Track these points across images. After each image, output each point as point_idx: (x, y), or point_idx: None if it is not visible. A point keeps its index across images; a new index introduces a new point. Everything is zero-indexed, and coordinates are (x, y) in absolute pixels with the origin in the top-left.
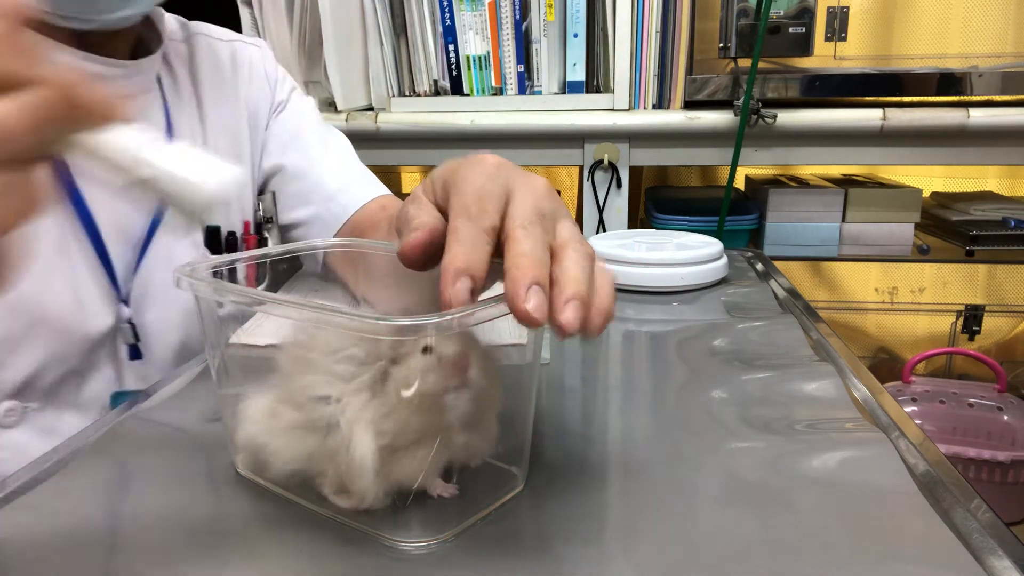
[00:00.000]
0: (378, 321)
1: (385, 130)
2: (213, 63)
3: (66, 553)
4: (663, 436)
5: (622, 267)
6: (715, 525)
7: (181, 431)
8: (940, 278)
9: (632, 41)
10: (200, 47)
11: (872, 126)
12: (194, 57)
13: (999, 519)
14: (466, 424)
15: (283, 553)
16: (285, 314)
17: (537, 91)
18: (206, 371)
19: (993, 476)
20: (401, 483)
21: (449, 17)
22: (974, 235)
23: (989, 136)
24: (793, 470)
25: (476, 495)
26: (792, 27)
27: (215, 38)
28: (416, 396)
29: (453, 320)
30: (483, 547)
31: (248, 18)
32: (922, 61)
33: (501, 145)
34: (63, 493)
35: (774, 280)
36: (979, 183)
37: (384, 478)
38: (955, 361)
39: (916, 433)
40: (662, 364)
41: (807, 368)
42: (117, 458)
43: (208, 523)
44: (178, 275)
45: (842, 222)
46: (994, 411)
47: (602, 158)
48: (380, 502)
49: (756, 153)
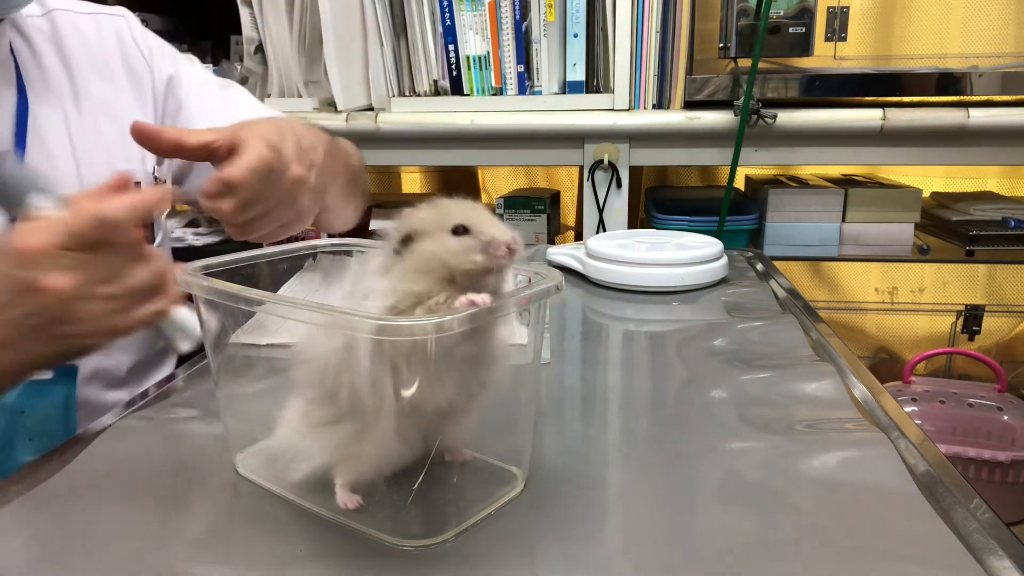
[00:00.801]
0: (378, 321)
1: (385, 130)
2: (81, 39)
3: (66, 553)
4: (663, 436)
5: (622, 267)
6: (715, 525)
7: (181, 431)
8: (940, 278)
9: (632, 41)
10: (62, 23)
11: (872, 126)
12: (58, 32)
13: (999, 519)
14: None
15: (283, 553)
16: (285, 314)
17: (537, 91)
18: (206, 371)
19: (993, 476)
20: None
21: (449, 17)
22: (974, 235)
23: (989, 136)
24: (793, 470)
25: (476, 495)
26: (792, 27)
27: (76, 12)
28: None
29: (454, 320)
30: (483, 547)
31: (248, 18)
32: (922, 61)
33: (501, 145)
34: (63, 493)
35: (774, 280)
36: (979, 183)
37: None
38: (955, 361)
39: (916, 433)
40: (662, 364)
41: (807, 368)
42: (117, 458)
43: (208, 523)
44: (179, 275)
45: (842, 222)
46: (994, 411)
47: (602, 158)
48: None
49: (756, 153)
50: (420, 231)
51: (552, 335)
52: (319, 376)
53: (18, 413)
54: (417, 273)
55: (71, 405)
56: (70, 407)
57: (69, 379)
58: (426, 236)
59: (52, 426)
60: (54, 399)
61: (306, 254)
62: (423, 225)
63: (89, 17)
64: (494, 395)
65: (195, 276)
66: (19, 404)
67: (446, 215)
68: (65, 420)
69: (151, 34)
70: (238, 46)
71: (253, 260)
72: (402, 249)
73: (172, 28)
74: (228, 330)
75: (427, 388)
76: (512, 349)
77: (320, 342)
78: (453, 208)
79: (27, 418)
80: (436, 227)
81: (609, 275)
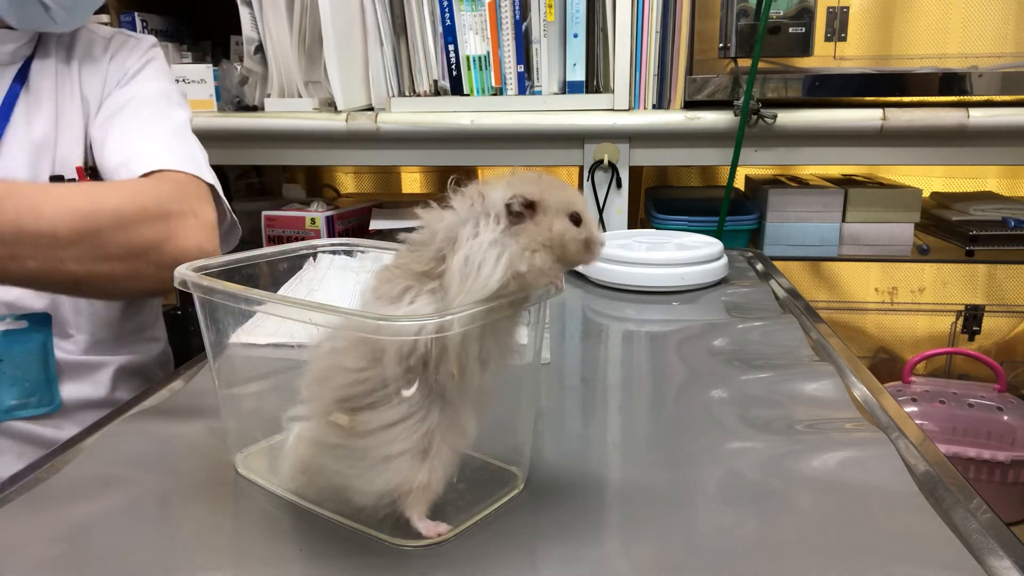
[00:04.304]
0: (378, 321)
1: (385, 130)
2: (88, 43)
3: (66, 553)
4: (663, 436)
5: (622, 267)
6: (715, 525)
7: (181, 431)
8: (940, 278)
9: (632, 41)
10: (82, 35)
11: (872, 126)
12: (74, 38)
13: (999, 519)
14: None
15: (283, 553)
16: (285, 314)
17: (537, 91)
18: (206, 371)
19: (993, 476)
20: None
21: (449, 17)
22: (974, 235)
23: (989, 136)
24: (793, 470)
25: (476, 495)
26: (792, 27)
27: (94, 30)
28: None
29: (454, 320)
30: (483, 547)
31: (248, 18)
32: (922, 61)
33: (501, 145)
34: (63, 493)
35: (774, 280)
36: (979, 183)
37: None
38: (955, 361)
39: (916, 433)
40: (662, 364)
41: (807, 368)
42: (117, 458)
43: (208, 523)
44: (179, 275)
45: (842, 222)
46: (994, 411)
47: (602, 158)
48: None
49: (756, 153)
50: (544, 205)
51: (552, 335)
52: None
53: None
54: (543, 248)
55: (49, 351)
56: (48, 353)
57: (44, 327)
58: (550, 213)
59: (31, 372)
60: (30, 346)
61: (306, 254)
62: (551, 200)
63: (92, 33)
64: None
65: (195, 276)
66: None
67: (569, 198)
68: (44, 365)
69: (145, 38)
70: (238, 46)
71: (253, 260)
72: (524, 213)
73: (172, 28)
74: (228, 330)
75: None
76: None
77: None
78: (570, 192)
79: (6, 364)
80: (559, 207)
81: (609, 275)
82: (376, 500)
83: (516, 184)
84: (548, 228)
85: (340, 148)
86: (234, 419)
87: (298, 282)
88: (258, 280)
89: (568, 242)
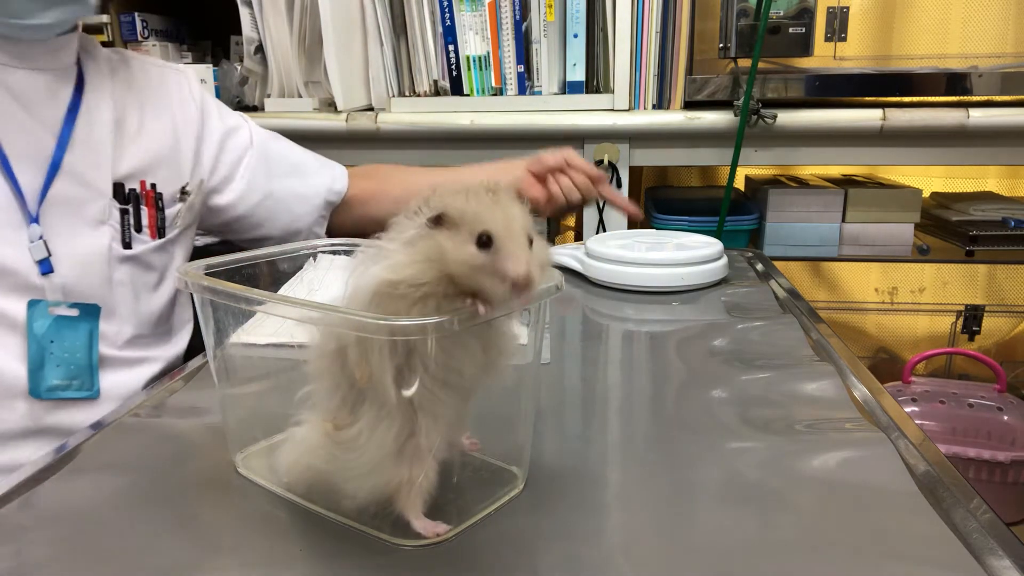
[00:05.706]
0: (378, 321)
1: (385, 130)
2: (144, 75)
3: (66, 553)
4: (663, 436)
5: (622, 267)
6: (715, 525)
7: (181, 431)
8: (940, 278)
9: (632, 41)
10: (131, 61)
11: (872, 126)
12: (127, 64)
13: (999, 519)
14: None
15: (283, 553)
16: (285, 314)
17: (537, 91)
18: (206, 371)
19: (993, 476)
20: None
21: (449, 17)
22: (974, 235)
23: (989, 136)
24: (793, 470)
25: (476, 495)
26: (792, 27)
27: (144, 60)
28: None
29: (454, 320)
30: (483, 547)
31: (248, 18)
32: (922, 61)
33: (501, 145)
34: (63, 493)
35: (774, 280)
36: (979, 183)
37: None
38: (955, 361)
39: (916, 433)
40: (662, 364)
41: (807, 368)
42: (117, 458)
43: (208, 523)
44: (179, 275)
45: (842, 222)
46: (994, 411)
47: (602, 158)
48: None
49: (756, 153)
50: (451, 220)
51: (552, 335)
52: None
53: (48, 342)
54: (429, 262)
55: (94, 340)
56: (94, 342)
57: (93, 317)
58: (454, 229)
59: (77, 356)
60: (79, 332)
61: (306, 254)
62: (457, 215)
63: (156, 68)
64: (496, 390)
65: (195, 276)
66: (48, 335)
67: (478, 215)
68: (89, 353)
69: (207, 94)
70: (238, 46)
71: (253, 260)
72: (432, 227)
73: (172, 28)
74: (228, 330)
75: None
76: (516, 343)
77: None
78: (487, 209)
79: (56, 346)
80: (466, 224)
81: (609, 275)
82: (366, 500)
83: (447, 194)
84: (440, 244)
85: (340, 148)
86: (234, 419)
87: (298, 282)
88: (258, 280)
89: (453, 263)
